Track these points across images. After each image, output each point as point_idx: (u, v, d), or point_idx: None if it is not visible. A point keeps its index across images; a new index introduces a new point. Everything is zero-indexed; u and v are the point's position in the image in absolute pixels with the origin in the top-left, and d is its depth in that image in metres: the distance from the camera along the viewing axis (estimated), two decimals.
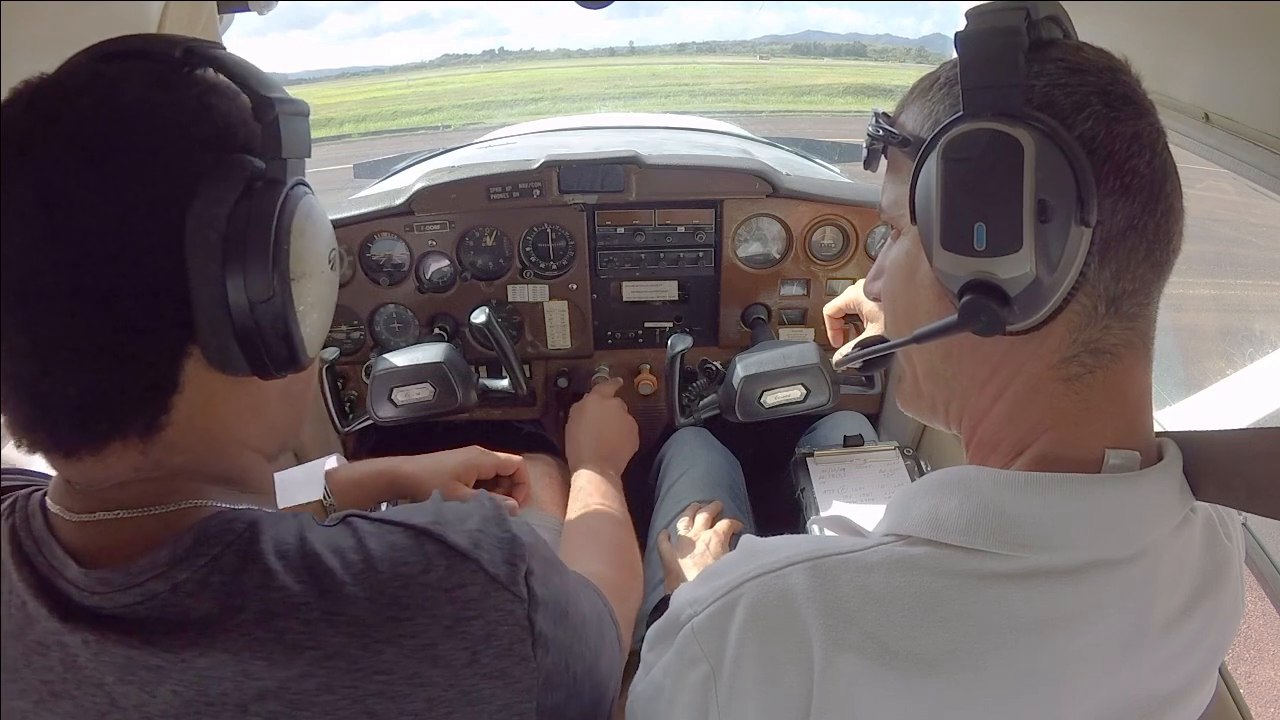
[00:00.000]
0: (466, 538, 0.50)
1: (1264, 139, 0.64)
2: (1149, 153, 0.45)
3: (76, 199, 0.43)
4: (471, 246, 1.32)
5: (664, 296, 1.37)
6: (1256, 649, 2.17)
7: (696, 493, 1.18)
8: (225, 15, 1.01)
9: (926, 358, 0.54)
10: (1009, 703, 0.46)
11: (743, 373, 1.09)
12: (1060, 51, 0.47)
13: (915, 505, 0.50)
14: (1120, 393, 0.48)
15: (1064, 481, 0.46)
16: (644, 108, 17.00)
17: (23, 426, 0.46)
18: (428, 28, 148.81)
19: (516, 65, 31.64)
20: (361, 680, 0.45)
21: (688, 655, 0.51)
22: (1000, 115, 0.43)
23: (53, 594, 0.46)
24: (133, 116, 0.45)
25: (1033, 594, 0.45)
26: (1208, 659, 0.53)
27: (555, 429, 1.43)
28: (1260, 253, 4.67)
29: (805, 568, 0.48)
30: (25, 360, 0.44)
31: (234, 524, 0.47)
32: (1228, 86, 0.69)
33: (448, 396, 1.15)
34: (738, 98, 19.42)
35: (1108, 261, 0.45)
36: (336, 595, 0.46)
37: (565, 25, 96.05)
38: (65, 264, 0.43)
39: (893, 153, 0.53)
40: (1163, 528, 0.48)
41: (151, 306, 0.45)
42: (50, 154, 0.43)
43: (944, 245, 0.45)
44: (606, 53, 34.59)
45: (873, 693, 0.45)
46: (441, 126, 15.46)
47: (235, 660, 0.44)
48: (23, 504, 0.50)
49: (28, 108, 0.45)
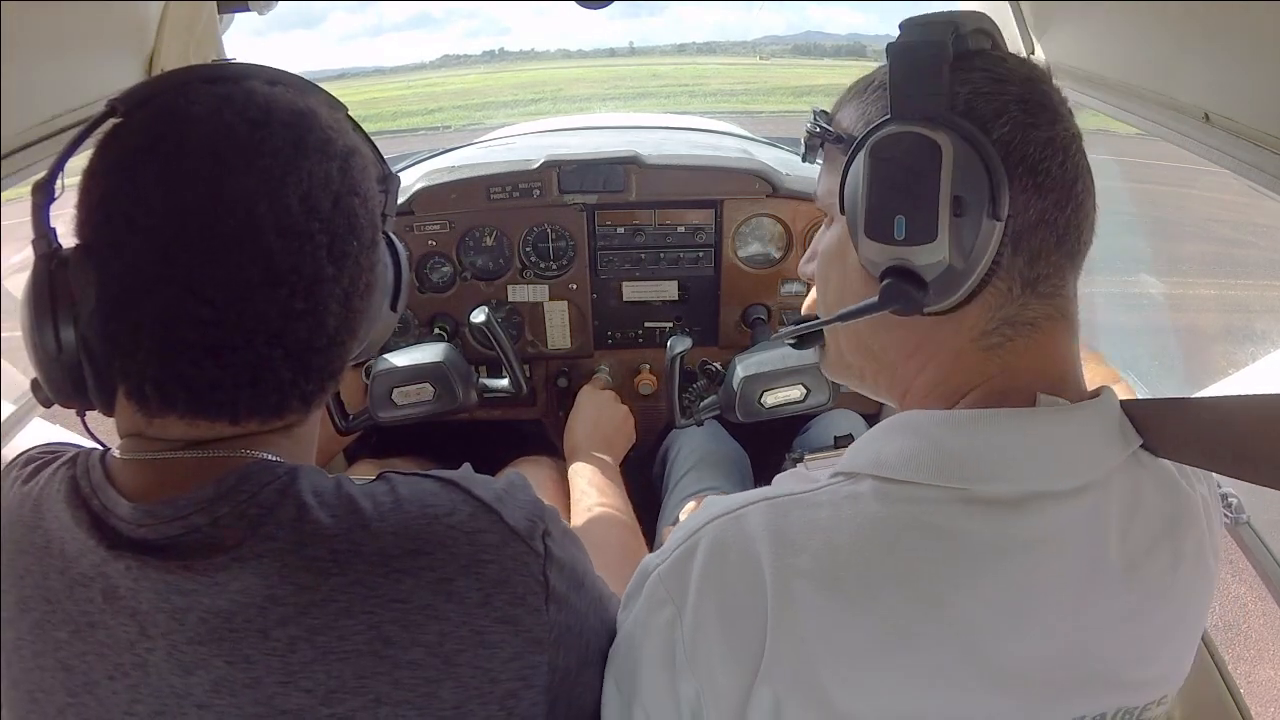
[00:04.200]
0: (491, 493, 0.54)
1: (1264, 139, 0.64)
2: (1062, 155, 0.49)
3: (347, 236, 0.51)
4: (471, 246, 1.32)
5: (664, 296, 1.37)
6: (1257, 649, 2.16)
7: (703, 486, 1.18)
8: (225, 15, 1.01)
9: (856, 334, 0.58)
10: (963, 634, 0.47)
11: (743, 373, 1.09)
12: (985, 61, 0.51)
13: (862, 449, 0.53)
14: (1044, 355, 0.51)
15: (999, 416, 0.50)
16: (644, 108, 17.03)
17: (197, 384, 0.48)
18: (429, 28, 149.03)
19: (516, 66, 31.65)
20: (378, 607, 0.47)
21: (654, 599, 0.53)
22: (923, 120, 0.47)
23: (102, 529, 0.49)
24: (359, 145, 0.55)
25: (977, 521, 0.48)
26: (1177, 618, 0.53)
27: (555, 429, 1.43)
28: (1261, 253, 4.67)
29: (759, 507, 0.52)
30: (272, 327, 0.48)
31: (276, 468, 0.50)
32: (1228, 86, 0.69)
33: (448, 396, 1.15)
34: (738, 98, 19.43)
35: (1021, 250, 0.49)
36: (364, 529, 0.49)
37: (565, 25, 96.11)
38: (342, 275, 0.51)
39: (829, 147, 0.57)
40: (1105, 464, 0.50)
41: (360, 309, 0.54)
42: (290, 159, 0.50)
43: (868, 234, 0.49)
44: (606, 53, 34.63)
45: (823, 619, 0.47)
46: (441, 127, 15.47)
47: (264, 584, 0.47)
48: (84, 457, 0.53)
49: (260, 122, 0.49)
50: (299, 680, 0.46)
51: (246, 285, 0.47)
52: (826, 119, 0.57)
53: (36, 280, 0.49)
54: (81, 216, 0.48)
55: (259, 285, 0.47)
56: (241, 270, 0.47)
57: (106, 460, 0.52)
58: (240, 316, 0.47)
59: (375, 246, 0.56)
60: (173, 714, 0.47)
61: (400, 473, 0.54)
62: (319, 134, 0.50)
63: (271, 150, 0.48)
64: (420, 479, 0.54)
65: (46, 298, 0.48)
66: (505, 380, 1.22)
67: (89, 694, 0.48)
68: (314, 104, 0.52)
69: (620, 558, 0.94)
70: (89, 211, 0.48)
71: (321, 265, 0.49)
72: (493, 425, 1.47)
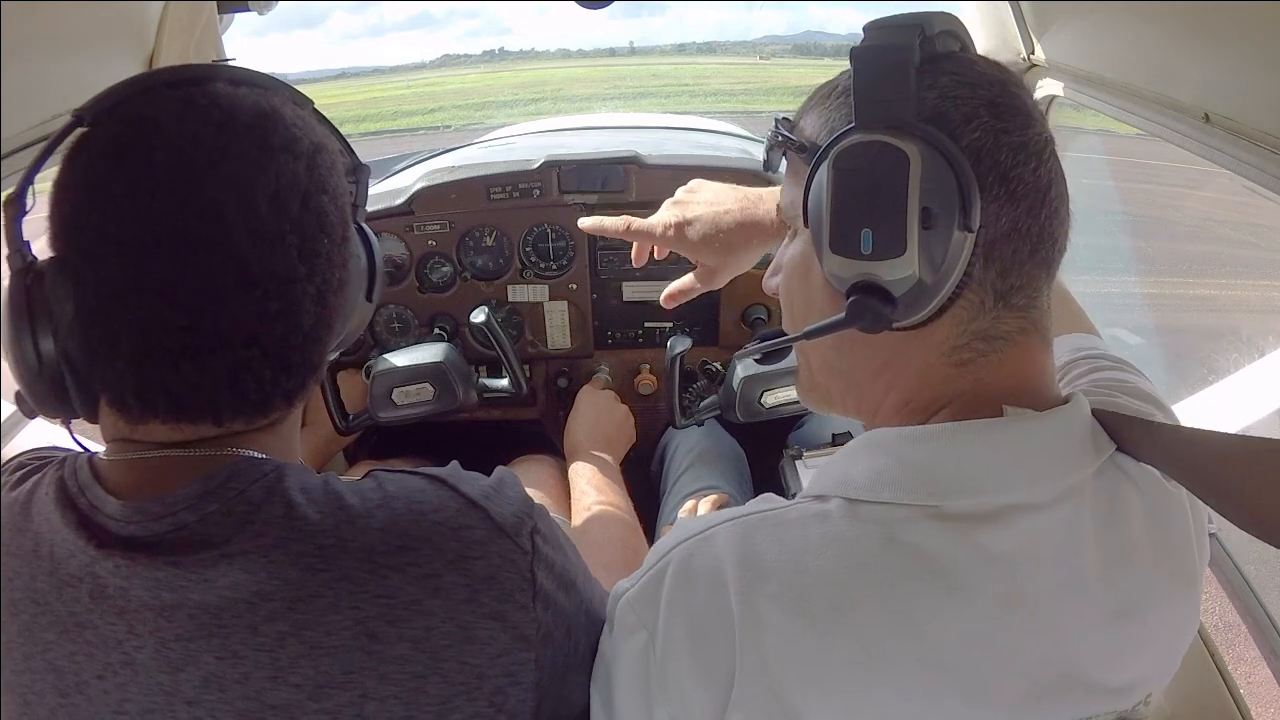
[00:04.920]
0: (479, 490, 0.54)
1: (1264, 139, 0.64)
2: (1035, 161, 0.47)
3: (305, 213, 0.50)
4: (471, 246, 1.32)
5: None
6: (1257, 649, 2.16)
7: (701, 484, 1.18)
8: (225, 15, 1.01)
9: (821, 351, 0.56)
10: (937, 651, 0.46)
11: (743, 373, 1.08)
12: (954, 65, 0.49)
13: (830, 471, 0.52)
14: (1017, 370, 0.50)
15: (964, 429, 0.48)
16: (644, 108, 17.03)
17: (177, 389, 0.48)
18: (430, 27, 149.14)
19: (516, 65, 31.65)
20: (365, 602, 0.48)
21: (625, 626, 0.53)
22: (889, 128, 0.45)
23: (90, 527, 0.49)
24: (325, 141, 0.54)
25: (948, 538, 0.46)
26: (1163, 617, 0.52)
27: (555, 429, 1.43)
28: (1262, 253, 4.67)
29: (727, 527, 0.50)
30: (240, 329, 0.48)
31: (263, 465, 0.51)
32: (1228, 86, 0.69)
33: (448, 396, 1.15)
34: (738, 98, 19.43)
35: (992, 262, 0.47)
36: (351, 525, 0.49)
37: (565, 25, 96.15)
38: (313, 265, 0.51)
39: (791, 156, 0.55)
40: (1077, 472, 0.49)
41: (335, 305, 0.53)
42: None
43: (833, 249, 0.47)
44: (607, 53, 34.63)
45: (793, 643, 0.46)
46: (441, 126, 15.48)
47: (252, 579, 0.47)
48: (72, 460, 0.53)
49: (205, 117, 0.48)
50: (287, 675, 0.47)
51: (221, 290, 0.47)
52: (789, 126, 0.54)
53: (13, 295, 0.49)
54: (54, 230, 0.48)
55: (233, 289, 0.47)
56: (215, 275, 0.47)
57: (94, 462, 0.52)
58: (216, 321, 0.47)
59: (347, 242, 0.55)
60: (162, 711, 0.47)
61: (389, 470, 0.55)
62: (284, 134, 0.50)
63: (237, 154, 0.48)
64: (408, 476, 0.54)
65: (24, 311, 0.48)
66: (505, 380, 1.21)
67: (79, 694, 0.48)
68: (278, 103, 0.52)
69: (622, 556, 0.94)
70: (61, 224, 0.48)
71: (294, 265, 0.49)
72: (493, 425, 1.47)
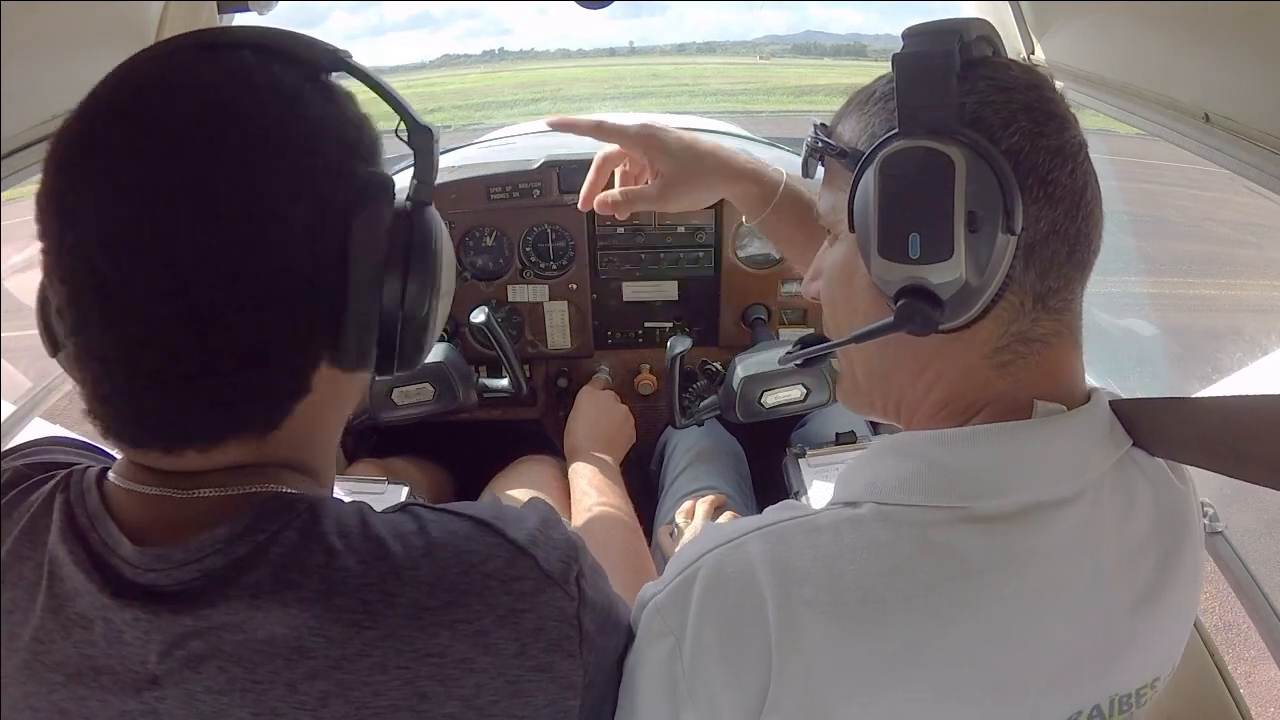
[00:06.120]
0: (525, 535, 0.51)
1: (1264, 139, 0.64)
2: (1071, 164, 0.48)
3: (248, 201, 0.43)
4: (471, 246, 1.32)
5: (664, 296, 1.37)
6: (1257, 649, 2.16)
7: (699, 484, 1.18)
8: (225, 15, 1.01)
9: (864, 355, 0.57)
10: (969, 649, 0.47)
11: (743, 373, 1.09)
12: (990, 69, 0.50)
13: (857, 476, 0.53)
14: (1052, 372, 0.51)
15: (995, 431, 0.49)
16: (644, 108, 17.00)
17: (127, 420, 0.45)
18: (430, 27, 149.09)
19: (516, 65, 31.64)
20: (414, 662, 0.46)
21: (652, 631, 0.53)
22: (934, 133, 0.46)
23: (104, 570, 0.46)
24: (309, 122, 0.46)
25: (978, 540, 0.47)
26: (1173, 609, 0.54)
27: (555, 429, 1.43)
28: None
29: (759, 535, 0.51)
30: (159, 354, 0.43)
31: (295, 504, 0.47)
32: (1228, 86, 0.69)
33: (448, 396, 1.15)
34: (738, 98, 19.44)
35: (1032, 263, 0.48)
36: (397, 578, 0.47)
37: (565, 25, 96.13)
38: (231, 267, 0.43)
39: (830, 162, 0.56)
40: (1098, 467, 0.50)
41: (309, 312, 0.46)
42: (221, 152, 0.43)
43: (881, 253, 0.48)
44: (606, 53, 34.63)
45: (831, 647, 0.47)
46: (441, 127, 15.42)
47: (292, 635, 0.44)
48: (78, 479, 0.50)
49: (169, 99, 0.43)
50: None
51: (200, 319, 0.43)
52: (826, 132, 0.55)
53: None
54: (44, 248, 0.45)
55: (209, 320, 0.43)
56: (194, 304, 0.43)
57: (104, 486, 0.49)
58: (200, 348, 0.44)
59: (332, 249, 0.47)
60: None
61: (427, 506, 0.52)
62: (255, 131, 0.44)
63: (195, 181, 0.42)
64: (450, 518, 0.51)
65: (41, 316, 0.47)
66: (505, 380, 1.21)
67: None
68: (264, 95, 0.45)
69: (622, 558, 0.94)
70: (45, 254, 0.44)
71: (273, 280, 0.44)
72: (493, 425, 1.47)
